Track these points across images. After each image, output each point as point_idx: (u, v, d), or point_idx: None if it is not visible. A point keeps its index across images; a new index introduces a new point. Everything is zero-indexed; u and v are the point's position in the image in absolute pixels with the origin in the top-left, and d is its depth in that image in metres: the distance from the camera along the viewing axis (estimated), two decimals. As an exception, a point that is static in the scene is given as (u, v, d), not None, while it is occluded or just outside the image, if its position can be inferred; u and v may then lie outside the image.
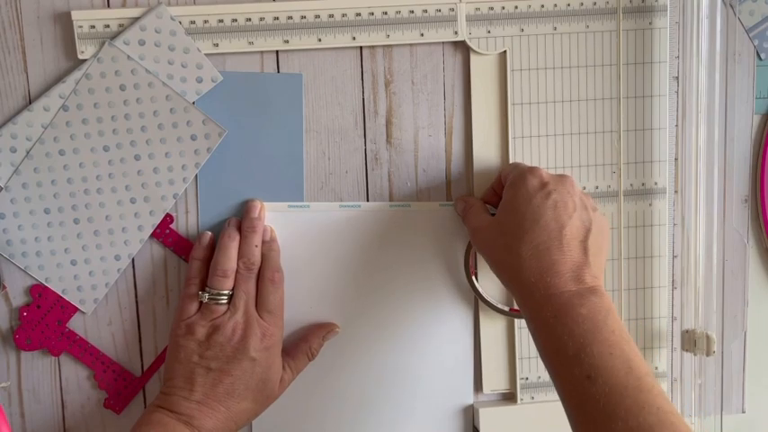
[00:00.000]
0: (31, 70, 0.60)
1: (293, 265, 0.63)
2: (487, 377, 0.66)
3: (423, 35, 0.62)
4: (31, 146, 0.60)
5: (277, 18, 0.60)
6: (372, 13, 0.61)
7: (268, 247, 0.62)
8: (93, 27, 0.59)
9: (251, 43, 0.60)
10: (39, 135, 0.60)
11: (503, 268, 0.56)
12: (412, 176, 0.64)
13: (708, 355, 0.64)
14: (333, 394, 0.65)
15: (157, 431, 0.56)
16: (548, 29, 0.63)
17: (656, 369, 0.67)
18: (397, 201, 0.64)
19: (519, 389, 0.66)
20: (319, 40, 0.61)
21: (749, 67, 0.66)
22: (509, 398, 0.67)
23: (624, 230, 0.65)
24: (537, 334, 0.53)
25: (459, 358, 0.66)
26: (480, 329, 0.65)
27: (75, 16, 0.59)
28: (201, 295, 0.60)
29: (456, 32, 0.62)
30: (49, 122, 0.60)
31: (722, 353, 0.67)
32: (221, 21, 0.60)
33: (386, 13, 0.61)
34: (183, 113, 0.60)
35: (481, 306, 0.65)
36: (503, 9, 0.62)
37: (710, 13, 0.62)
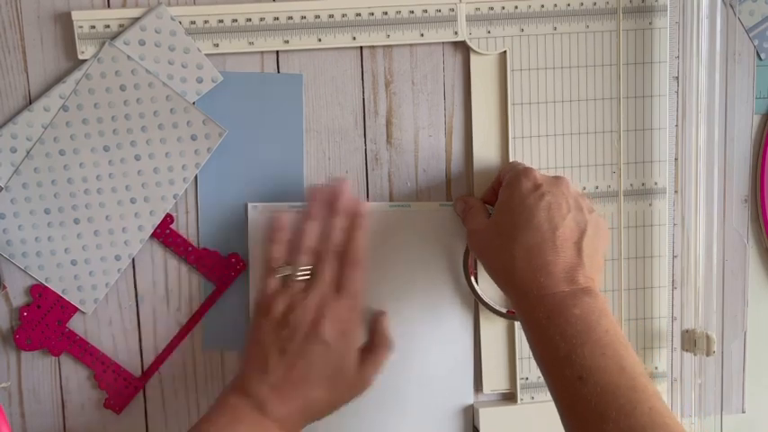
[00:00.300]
0: (31, 70, 0.60)
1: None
2: (487, 377, 0.66)
3: (423, 35, 0.62)
4: (31, 146, 0.60)
5: (277, 18, 0.60)
6: (372, 14, 0.61)
7: (357, 225, 0.59)
8: (93, 27, 0.59)
9: (251, 43, 0.60)
10: (39, 135, 0.60)
11: (497, 270, 0.56)
12: (412, 176, 0.64)
13: (708, 355, 0.64)
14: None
15: (229, 417, 0.54)
16: (548, 29, 0.63)
17: (656, 369, 0.67)
18: (397, 201, 0.64)
19: (519, 389, 0.66)
20: (319, 40, 0.61)
21: (749, 67, 0.66)
22: (509, 398, 0.67)
23: (624, 230, 0.65)
24: (530, 335, 0.53)
25: (459, 358, 0.66)
26: (480, 329, 0.65)
27: (76, 16, 0.59)
28: (280, 269, 0.58)
29: (456, 32, 0.62)
30: (50, 122, 0.60)
31: (722, 353, 0.67)
32: (221, 21, 0.60)
33: (386, 14, 0.61)
34: (184, 113, 0.60)
35: (481, 306, 0.65)
36: (503, 9, 0.62)
37: (710, 13, 0.62)
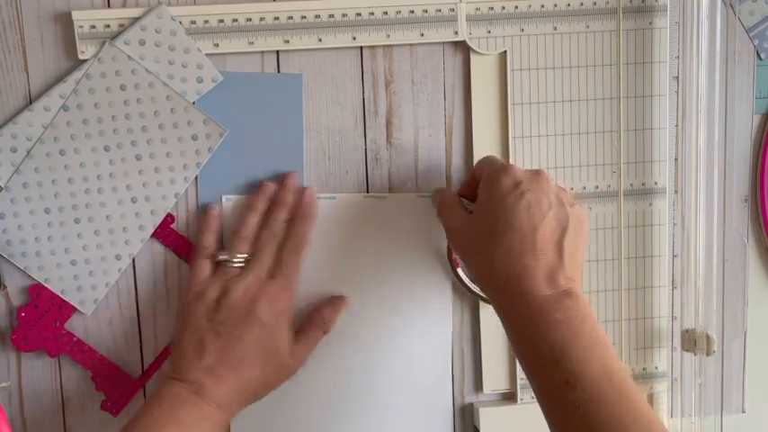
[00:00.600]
0: (31, 70, 0.60)
1: None
2: (487, 377, 0.66)
3: (423, 35, 0.62)
4: (31, 146, 0.60)
5: (277, 18, 0.60)
6: (372, 13, 0.61)
7: (302, 215, 0.61)
8: (93, 27, 0.59)
9: (251, 43, 0.60)
10: (39, 135, 0.60)
11: (477, 271, 0.56)
12: (412, 176, 0.64)
13: (708, 354, 0.64)
14: (315, 396, 0.64)
15: (169, 404, 0.55)
16: (548, 29, 0.63)
17: (656, 369, 0.67)
18: (372, 192, 0.64)
19: (519, 389, 0.66)
20: (319, 39, 0.61)
21: (749, 66, 0.66)
22: (509, 398, 0.67)
23: (624, 230, 0.65)
24: (513, 337, 0.53)
25: (438, 346, 0.65)
26: (481, 329, 0.65)
27: (76, 16, 0.59)
28: (218, 254, 0.59)
29: (456, 32, 0.62)
30: (50, 122, 0.60)
31: (722, 353, 0.67)
32: (221, 21, 0.60)
33: (386, 13, 0.61)
34: (184, 113, 0.60)
35: (481, 305, 0.65)
36: (503, 9, 0.62)
37: (710, 12, 0.62)
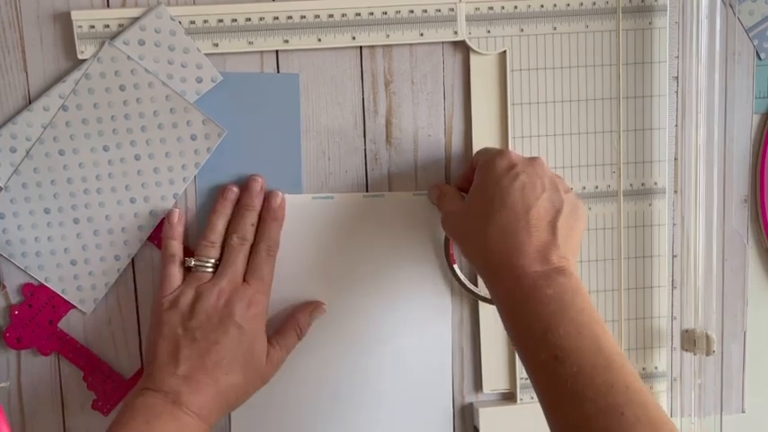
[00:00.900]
0: (30, 70, 0.60)
1: None
2: (487, 377, 0.66)
3: (422, 35, 0.61)
4: (30, 146, 0.60)
5: (277, 18, 0.60)
6: (372, 13, 0.61)
7: (272, 217, 0.61)
8: (92, 27, 0.59)
9: (251, 43, 0.60)
10: (38, 135, 0.60)
11: (471, 251, 0.56)
12: (412, 176, 0.64)
13: (708, 354, 0.64)
14: (314, 396, 0.64)
15: (144, 416, 0.53)
16: (547, 29, 0.63)
17: (656, 369, 0.67)
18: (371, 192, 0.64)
19: (519, 389, 0.66)
20: (319, 39, 0.61)
21: (749, 66, 0.66)
22: (509, 398, 0.67)
23: (624, 230, 0.65)
24: (505, 316, 0.53)
25: (438, 346, 0.65)
26: (480, 329, 0.65)
27: (75, 16, 0.59)
28: (188, 261, 0.59)
29: (456, 32, 0.62)
30: (49, 122, 0.60)
31: (722, 353, 0.67)
32: (221, 21, 0.60)
33: (386, 13, 0.61)
34: (183, 113, 0.60)
35: (481, 305, 0.65)
36: (503, 9, 0.62)
37: (710, 13, 0.62)
